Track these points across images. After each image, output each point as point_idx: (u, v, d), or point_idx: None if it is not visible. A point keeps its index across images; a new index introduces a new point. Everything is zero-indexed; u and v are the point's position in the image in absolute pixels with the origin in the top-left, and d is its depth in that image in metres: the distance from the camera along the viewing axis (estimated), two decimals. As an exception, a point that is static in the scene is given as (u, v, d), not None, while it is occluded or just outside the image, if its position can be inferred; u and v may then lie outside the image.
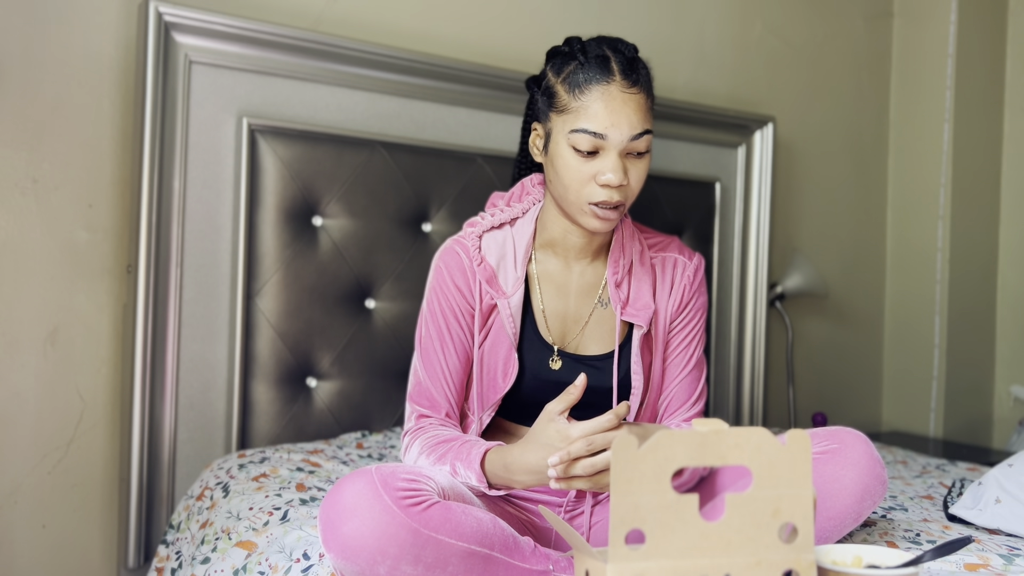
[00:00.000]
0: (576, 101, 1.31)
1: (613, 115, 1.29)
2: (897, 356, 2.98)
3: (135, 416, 1.71)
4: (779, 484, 0.90)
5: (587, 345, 1.42)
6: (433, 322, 1.41)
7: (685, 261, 1.48)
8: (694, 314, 1.47)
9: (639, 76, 1.32)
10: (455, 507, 1.10)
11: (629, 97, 1.30)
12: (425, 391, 1.39)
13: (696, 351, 1.47)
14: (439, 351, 1.39)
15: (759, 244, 2.56)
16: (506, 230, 1.45)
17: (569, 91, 1.32)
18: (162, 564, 1.63)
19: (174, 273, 1.75)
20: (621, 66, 1.31)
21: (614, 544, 0.86)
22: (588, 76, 1.30)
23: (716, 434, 0.90)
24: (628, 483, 0.86)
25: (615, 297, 1.41)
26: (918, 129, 2.92)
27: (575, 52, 1.33)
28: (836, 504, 1.22)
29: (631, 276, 1.44)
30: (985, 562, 1.26)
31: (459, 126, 2.08)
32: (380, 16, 2.06)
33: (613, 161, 1.30)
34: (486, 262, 1.41)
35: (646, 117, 1.32)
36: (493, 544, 1.11)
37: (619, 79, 1.30)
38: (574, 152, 1.31)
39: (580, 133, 1.30)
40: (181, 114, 1.75)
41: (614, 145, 1.29)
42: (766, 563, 0.89)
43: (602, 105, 1.29)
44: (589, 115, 1.29)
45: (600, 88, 1.29)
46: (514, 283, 1.40)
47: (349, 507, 1.05)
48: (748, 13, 2.66)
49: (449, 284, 1.41)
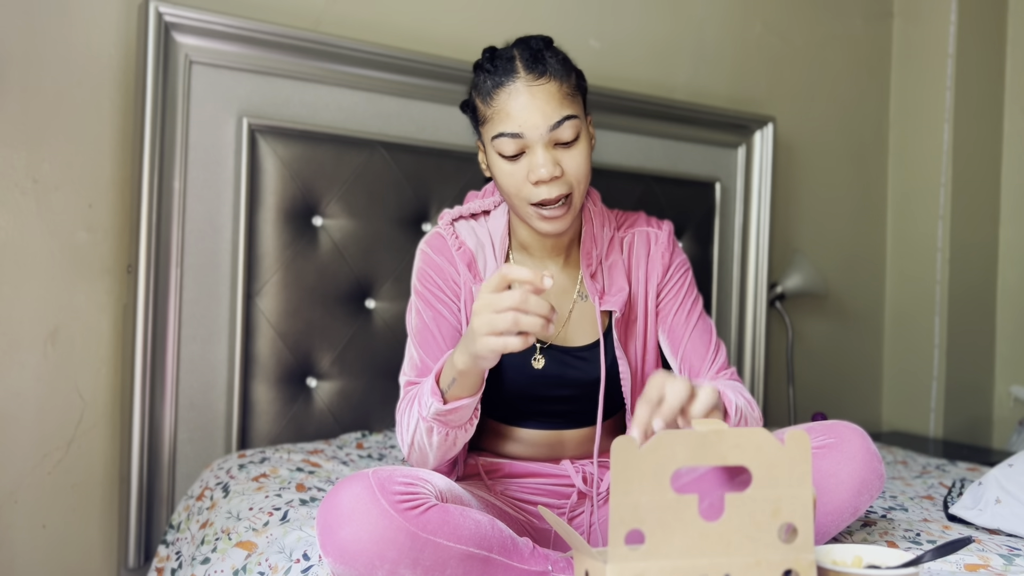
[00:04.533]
0: (490, 108, 1.30)
1: (524, 111, 1.27)
2: (897, 356, 2.98)
3: (135, 416, 1.71)
4: (779, 484, 0.90)
5: (571, 338, 1.41)
6: (425, 304, 1.38)
7: (655, 231, 1.48)
8: (679, 276, 1.47)
9: (546, 66, 1.29)
10: (453, 509, 1.09)
11: (538, 89, 1.28)
12: (420, 369, 1.35)
13: (695, 307, 1.46)
14: (437, 333, 1.37)
15: (759, 244, 2.56)
16: (481, 221, 1.45)
17: (484, 101, 1.32)
18: (162, 564, 1.63)
19: (174, 273, 1.75)
20: (525, 61, 1.29)
21: (614, 544, 0.86)
22: (495, 81, 1.30)
23: (716, 434, 0.90)
24: (628, 483, 0.86)
25: (591, 288, 1.41)
26: (918, 129, 2.92)
27: (483, 63, 1.33)
28: (833, 499, 1.22)
29: (604, 264, 1.44)
30: (985, 562, 1.26)
31: (459, 126, 2.08)
32: (380, 16, 2.06)
33: (540, 156, 1.28)
34: (465, 246, 1.40)
35: (563, 103, 1.29)
36: (491, 546, 1.11)
37: (523, 74, 1.28)
38: (501, 158, 1.31)
39: (500, 138, 1.29)
40: (181, 114, 1.75)
41: (535, 140, 1.28)
42: (766, 563, 0.89)
43: (512, 104, 1.28)
44: (502, 118, 1.29)
45: (507, 89, 1.28)
46: (492, 272, 1.38)
47: (346, 512, 1.04)
48: (748, 13, 2.66)
49: (434, 261, 1.40)
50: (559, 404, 1.40)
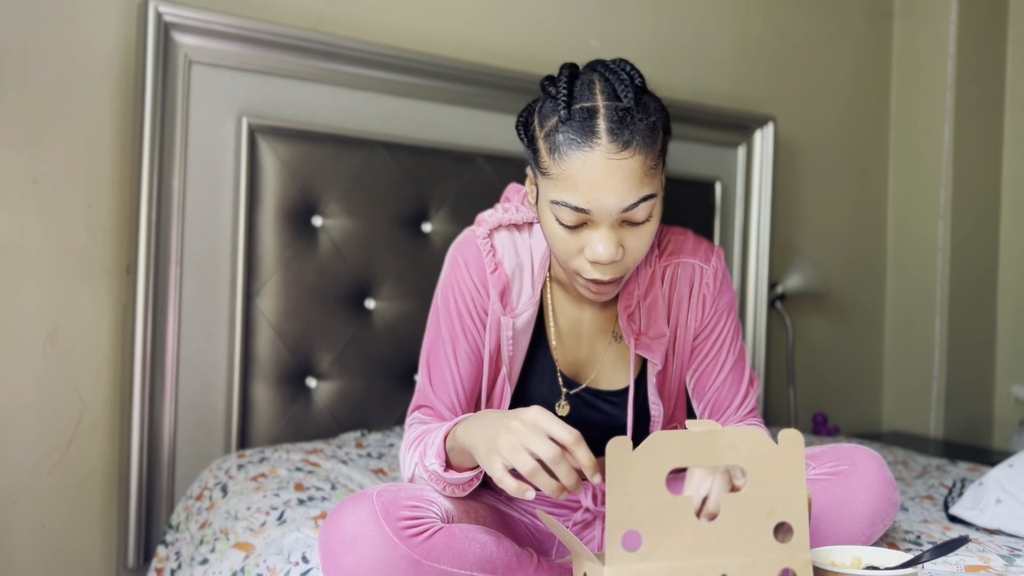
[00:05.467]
0: (556, 167, 1.11)
1: (597, 187, 1.08)
2: (897, 356, 2.98)
3: (135, 416, 1.71)
4: (773, 483, 0.90)
5: (602, 380, 1.32)
6: (446, 320, 1.27)
7: (701, 266, 1.32)
8: (719, 318, 1.32)
9: (634, 133, 1.09)
10: (458, 532, 1.08)
11: (618, 164, 1.08)
12: (427, 399, 1.28)
13: (729, 354, 1.32)
14: (450, 355, 1.26)
15: (759, 244, 2.56)
16: (524, 234, 1.30)
17: (550, 153, 1.12)
18: (161, 564, 1.63)
19: (174, 273, 1.75)
20: (609, 123, 1.09)
21: (611, 546, 0.86)
22: (568, 139, 1.09)
23: (710, 434, 0.90)
24: (623, 485, 0.86)
25: (627, 330, 1.27)
26: (918, 129, 2.92)
27: (559, 101, 1.12)
28: (845, 527, 1.18)
29: (643, 303, 1.30)
30: (986, 563, 1.26)
31: (459, 126, 2.08)
32: (380, 16, 2.06)
33: (603, 235, 1.12)
34: (501, 269, 1.26)
35: (643, 182, 1.10)
36: (496, 567, 1.10)
37: (604, 143, 1.08)
38: (558, 223, 1.14)
39: (561, 206, 1.11)
40: (181, 114, 1.75)
41: (601, 219, 1.11)
42: (762, 562, 0.89)
43: (584, 176, 1.08)
44: (570, 186, 1.09)
45: (582, 156, 1.08)
46: (526, 302, 1.26)
47: (349, 537, 1.02)
48: (748, 13, 2.66)
49: (467, 279, 1.26)
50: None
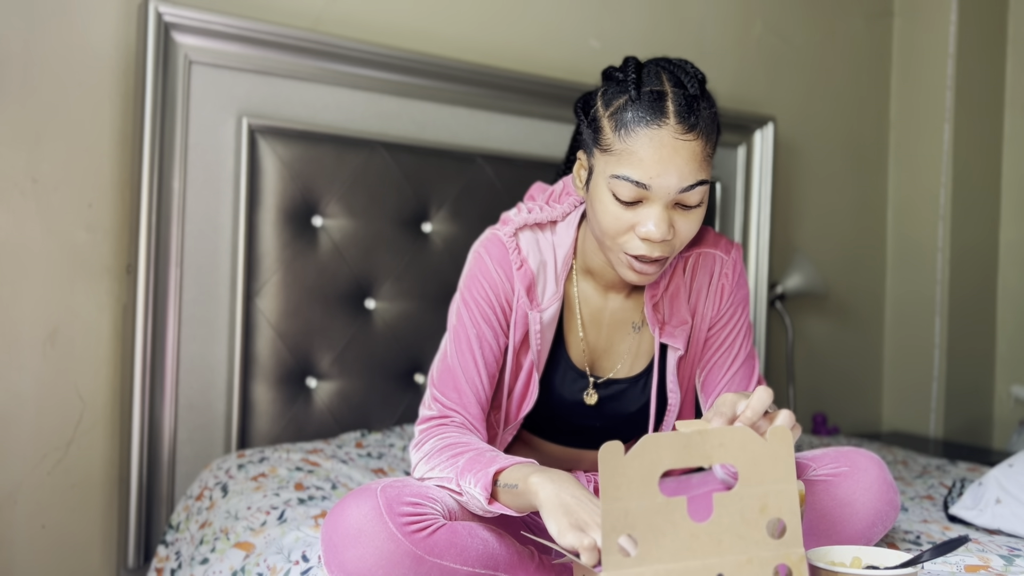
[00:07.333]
0: (621, 143, 1.16)
1: (661, 164, 1.14)
2: (897, 356, 2.98)
3: (135, 416, 1.72)
4: (764, 480, 0.90)
5: (626, 369, 1.36)
6: (469, 313, 1.29)
7: (723, 256, 1.36)
8: (734, 310, 1.36)
9: (698, 118, 1.16)
10: (461, 529, 1.08)
11: (682, 145, 1.14)
12: (455, 381, 1.27)
13: (741, 350, 1.36)
14: (475, 346, 1.28)
15: (759, 244, 2.56)
16: (547, 233, 1.33)
17: (615, 130, 1.17)
18: (162, 564, 1.63)
19: (174, 273, 1.75)
20: (677, 106, 1.15)
21: (607, 551, 0.86)
22: (637, 116, 1.15)
23: (700, 434, 0.90)
24: (616, 489, 0.86)
25: (652, 319, 1.32)
26: (918, 129, 2.92)
27: (628, 84, 1.18)
28: (846, 529, 1.19)
29: (666, 293, 1.34)
30: (985, 563, 1.26)
31: (459, 126, 2.08)
32: (380, 16, 2.06)
33: (657, 213, 1.16)
34: (527, 265, 1.29)
35: (701, 166, 1.17)
36: (498, 565, 1.10)
37: (672, 123, 1.14)
38: (614, 198, 1.18)
39: (622, 180, 1.16)
40: (181, 114, 1.76)
41: (659, 197, 1.16)
42: (757, 560, 0.89)
43: (650, 152, 1.14)
44: (633, 161, 1.15)
45: (649, 132, 1.14)
46: (551, 297, 1.30)
47: (352, 532, 1.03)
48: (748, 13, 2.66)
49: (493, 273, 1.29)
50: (600, 433, 1.36)
